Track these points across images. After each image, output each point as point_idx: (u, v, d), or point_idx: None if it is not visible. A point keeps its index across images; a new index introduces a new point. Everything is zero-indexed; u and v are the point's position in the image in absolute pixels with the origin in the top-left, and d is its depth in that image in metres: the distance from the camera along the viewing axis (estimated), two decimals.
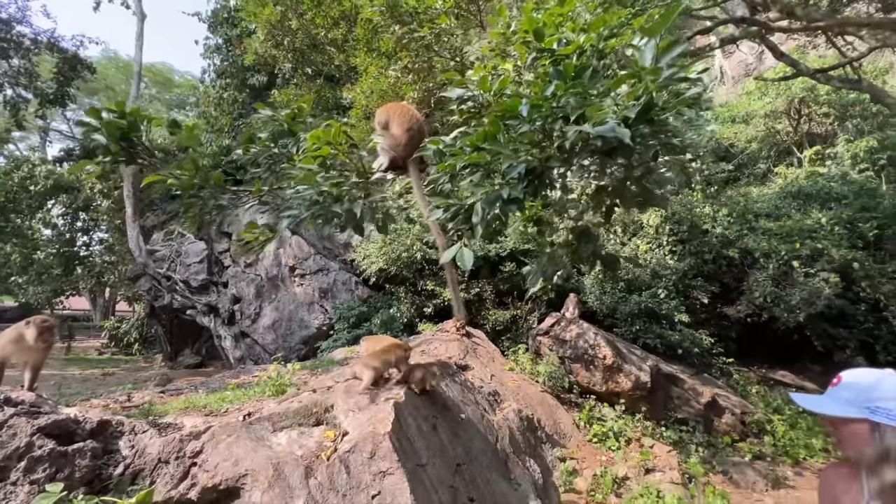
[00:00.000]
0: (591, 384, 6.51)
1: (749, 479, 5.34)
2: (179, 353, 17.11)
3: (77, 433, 2.27)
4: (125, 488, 2.14)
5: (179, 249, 13.56)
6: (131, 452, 2.31)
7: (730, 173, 13.39)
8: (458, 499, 2.95)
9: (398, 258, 9.39)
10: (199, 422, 2.70)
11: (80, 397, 4.08)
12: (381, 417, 2.80)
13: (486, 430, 4.45)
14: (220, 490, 2.20)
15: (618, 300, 8.78)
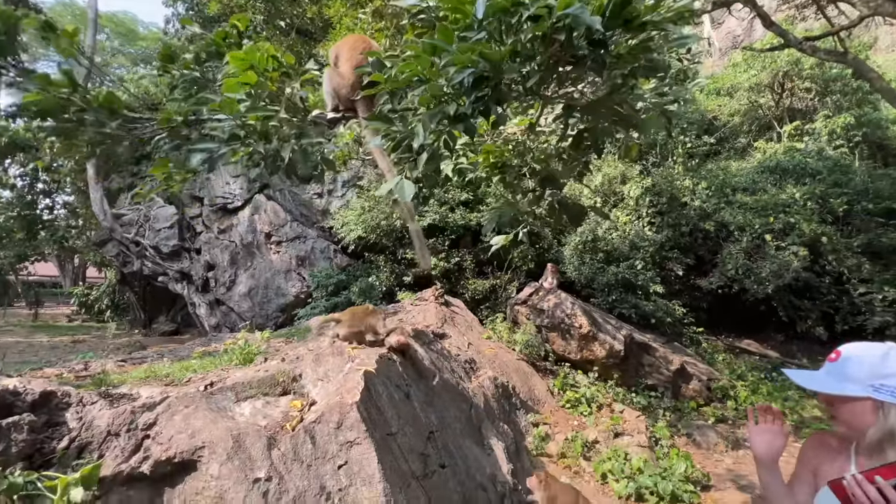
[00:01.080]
0: (567, 352, 6.61)
1: (711, 440, 5.59)
2: (154, 321, 16.74)
3: (16, 405, 2.11)
4: (70, 462, 2.02)
5: (148, 214, 12.96)
6: (78, 425, 2.17)
7: (711, 146, 13.42)
8: (429, 466, 2.94)
9: (377, 226, 9.18)
10: (157, 392, 2.57)
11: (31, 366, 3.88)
12: (350, 387, 2.72)
13: (460, 398, 4.46)
14: (175, 463, 2.10)
15: (595, 271, 8.86)
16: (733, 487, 4.51)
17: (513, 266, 9.18)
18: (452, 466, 3.27)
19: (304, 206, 11.38)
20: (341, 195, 11.02)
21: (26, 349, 11.65)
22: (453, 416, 4.05)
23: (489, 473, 3.79)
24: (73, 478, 1.87)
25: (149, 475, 2.06)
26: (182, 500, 2.06)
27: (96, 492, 1.94)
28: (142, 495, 2.03)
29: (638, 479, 4.19)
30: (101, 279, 25.78)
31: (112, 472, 2.01)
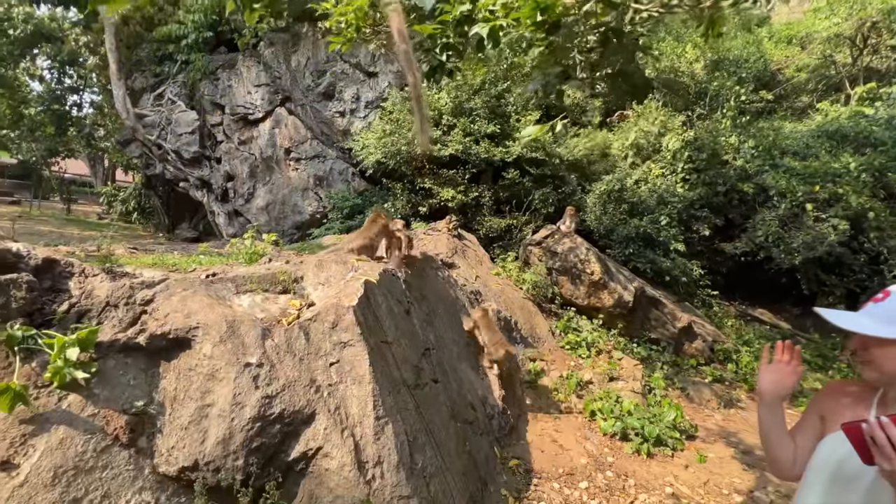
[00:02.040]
0: (574, 297, 6.55)
1: (704, 396, 5.63)
2: (177, 227, 17.25)
3: (18, 266, 2.12)
4: (69, 325, 2.06)
5: (170, 117, 12.80)
6: (79, 293, 2.20)
7: (767, 103, 12.23)
8: (422, 378, 2.99)
9: (398, 152, 8.86)
10: (158, 274, 2.58)
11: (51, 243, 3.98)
12: (350, 292, 2.69)
13: (461, 324, 4.49)
14: (170, 339, 2.13)
15: (617, 222, 8.53)
16: (720, 442, 4.58)
17: (532, 207, 8.90)
18: (445, 383, 3.33)
19: (325, 125, 11.03)
20: (363, 116, 10.58)
21: (57, 239, 12.20)
22: (452, 340, 4.09)
23: (480, 395, 3.88)
24: (71, 338, 1.91)
25: (145, 346, 2.10)
26: (176, 373, 2.12)
27: (93, 354, 1.99)
28: (138, 363, 2.09)
29: (626, 420, 4.27)
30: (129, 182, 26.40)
31: (109, 339, 2.05)
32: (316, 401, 2.23)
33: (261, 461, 2.04)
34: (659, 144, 9.97)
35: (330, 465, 2.11)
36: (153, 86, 13.65)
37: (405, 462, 2.28)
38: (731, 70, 11.55)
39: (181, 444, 1.97)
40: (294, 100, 11.29)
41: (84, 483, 1.75)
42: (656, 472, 3.88)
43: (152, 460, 1.94)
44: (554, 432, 4.18)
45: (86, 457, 1.79)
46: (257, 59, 11.57)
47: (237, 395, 2.08)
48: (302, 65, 11.01)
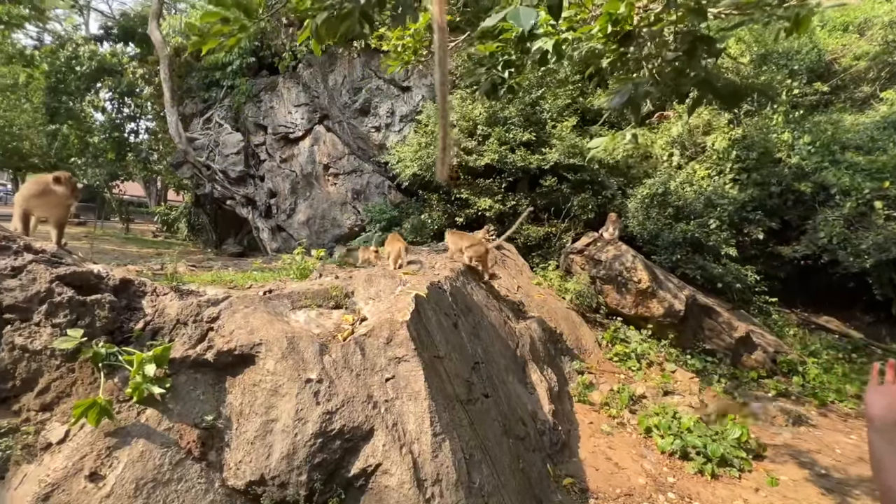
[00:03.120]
0: (621, 306, 6.31)
1: (770, 412, 5.23)
2: (224, 242, 18.14)
3: (99, 287, 2.27)
4: (145, 342, 2.18)
5: (217, 139, 13.56)
6: (152, 311, 2.32)
7: (822, 96, 11.45)
8: (474, 393, 2.95)
9: (433, 163, 8.94)
10: (220, 292, 2.70)
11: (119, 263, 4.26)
12: (401, 307, 2.71)
13: (507, 336, 4.42)
14: (236, 355, 2.21)
15: (662, 227, 8.19)
16: (791, 462, 4.23)
17: (571, 214, 8.71)
18: (495, 398, 3.27)
19: (361, 140, 11.32)
20: (398, 130, 10.78)
21: (119, 256, 13.12)
22: (498, 352, 4.02)
23: (530, 410, 3.78)
24: (147, 355, 2.01)
25: (212, 362, 2.18)
26: (241, 388, 2.18)
27: (167, 370, 2.09)
28: (207, 378, 2.17)
29: (685, 438, 4.03)
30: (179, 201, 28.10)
31: (181, 356, 2.15)
32: (374, 417, 2.23)
33: (323, 477, 2.05)
34: (703, 144, 9.53)
35: (389, 482, 2.10)
36: (202, 111, 14.53)
37: (463, 480, 2.24)
38: (781, 63, 10.93)
39: (248, 458, 2.02)
40: (332, 117, 11.68)
41: (162, 495, 1.82)
42: (723, 495, 3.62)
43: (221, 474, 2.00)
44: (608, 449, 4.00)
45: (163, 469, 1.87)
46: (296, 81, 12.08)
47: (299, 410, 2.11)
48: (339, 83, 11.39)
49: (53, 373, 1.97)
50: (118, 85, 22.72)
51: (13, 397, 1.91)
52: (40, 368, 1.96)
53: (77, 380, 1.99)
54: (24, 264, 2.07)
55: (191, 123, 14.51)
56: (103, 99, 24.62)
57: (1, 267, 2.01)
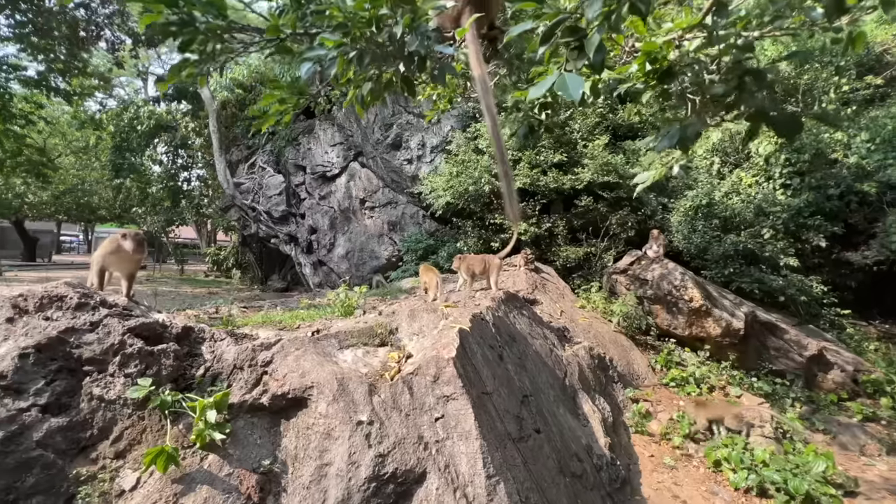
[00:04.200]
0: (673, 327, 5.98)
1: (859, 441, 4.70)
2: (269, 278, 18.95)
3: (164, 336, 2.42)
4: (206, 388, 2.28)
5: (261, 182, 14.42)
6: (211, 357, 2.44)
7: (876, 89, 10.73)
8: (525, 429, 2.84)
9: (465, 192, 9.05)
10: (272, 334, 2.79)
11: (178, 308, 4.54)
12: (446, 343, 2.69)
13: (553, 365, 4.28)
14: (289, 398, 2.26)
15: (710, 240, 7.79)
16: (890, 499, 3.74)
17: (610, 233, 8.47)
18: (547, 432, 3.14)
19: (394, 173, 11.67)
20: (430, 161, 11.05)
21: (175, 297, 13.98)
22: (546, 383, 3.89)
23: (585, 444, 3.59)
24: (208, 402, 2.10)
25: (267, 406, 2.24)
26: (295, 432, 2.22)
27: (226, 415, 2.16)
28: (263, 423, 2.23)
29: (762, 472, 3.67)
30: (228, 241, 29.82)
31: (238, 401, 2.23)
32: (425, 458, 2.19)
33: None
34: (747, 150, 9.10)
35: None
36: (247, 157, 15.56)
37: None
38: (825, 60, 10.39)
39: (304, 503, 2.03)
40: (365, 153, 12.16)
41: None
42: None
43: None
44: (673, 486, 3.71)
45: None
46: (331, 122, 12.75)
47: (352, 454, 2.11)
48: (371, 121, 11.91)
49: (126, 421, 2.09)
50: (173, 139, 24.84)
51: (91, 446, 2.03)
52: (114, 417, 2.08)
53: (146, 427, 2.10)
54: (100, 319, 2.24)
55: (237, 169, 15.55)
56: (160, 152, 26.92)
57: (81, 323, 2.19)
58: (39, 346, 2.04)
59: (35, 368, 2.02)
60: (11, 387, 1.95)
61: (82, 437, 2.01)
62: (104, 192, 28.15)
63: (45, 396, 1.99)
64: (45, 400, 1.98)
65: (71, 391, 2.06)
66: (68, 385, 2.06)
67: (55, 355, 2.07)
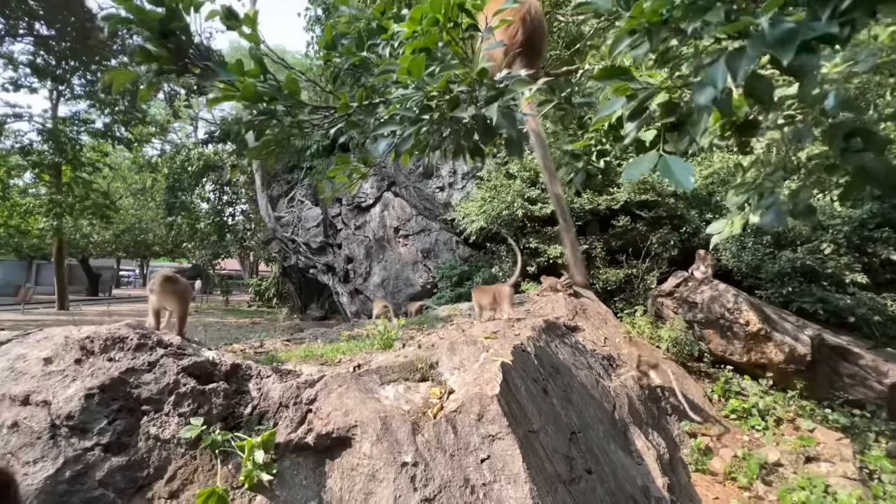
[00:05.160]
0: (728, 353, 5.58)
1: None
2: (308, 307, 19.46)
3: (214, 374, 2.49)
4: (253, 427, 2.31)
5: (300, 215, 15.04)
6: (258, 395, 2.48)
7: None
8: (575, 470, 2.68)
9: (499, 216, 9.04)
10: (315, 370, 2.82)
11: (226, 342, 4.70)
12: (488, 378, 2.61)
13: (601, 397, 4.06)
14: (334, 438, 2.24)
15: (762, 257, 7.33)
16: None
17: (651, 253, 8.15)
18: (599, 472, 2.95)
19: (427, 201, 11.86)
20: (461, 187, 11.17)
21: (221, 328, 14.58)
22: (594, 417, 3.69)
23: (641, 485, 3.35)
24: (256, 441, 2.12)
25: (312, 446, 2.24)
26: (340, 472, 2.19)
27: (273, 455, 2.17)
28: (308, 462, 2.22)
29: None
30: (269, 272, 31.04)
31: (284, 440, 2.23)
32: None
33: None
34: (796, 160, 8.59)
35: None
36: (286, 191, 16.33)
37: None
38: None
39: None
40: (398, 183, 12.47)
41: None
42: None
43: None
44: None
45: None
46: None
47: (398, 497, 2.06)
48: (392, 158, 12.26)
49: (179, 460, 2.14)
50: (219, 178, 26.49)
51: (147, 485, 2.09)
52: (169, 456, 2.14)
53: (198, 467, 2.14)
54: (157, 359, 2.35)
55: (278, 203, 16.32)
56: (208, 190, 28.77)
57: (140, 363, 2.29)
58: (103, 387, 2.15)
59: (99, 408, 2.12)
60: (78, 426, 2.06)
61: (139, 476, 2.07)
62: (158, 230, 30.24)
63: (108, 436, 2.08)
64: (108, 439, 2.07)
65: (130, 430, 2.14)
66: (128, 424, 2.15)
67: (117, 395, 2.17)
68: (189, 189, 26.27)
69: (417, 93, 1.47)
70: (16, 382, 2.22)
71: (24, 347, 2.64)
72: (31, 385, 2.18)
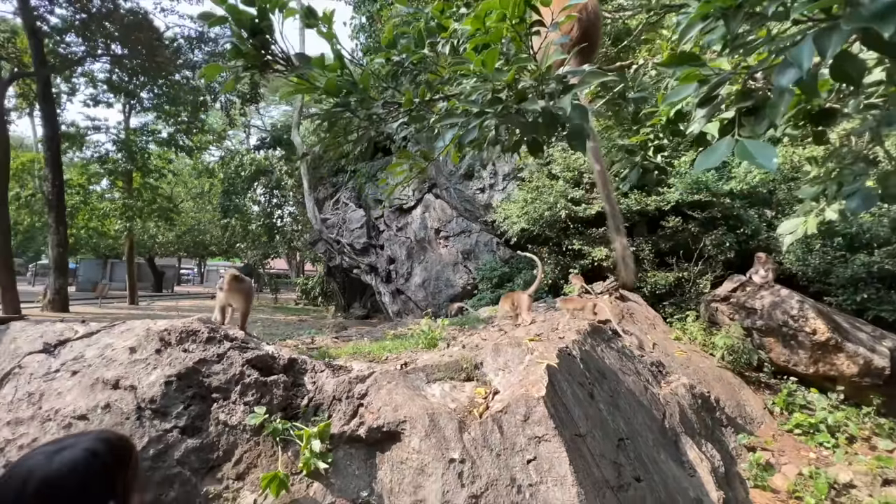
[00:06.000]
0: (792, 364, 5.21)
1: None
2: (351, 306, 20.08)
3: (274, 367, 2.66)
4: (309, 418, 2.45)
5: (344, 217, 15.57)
6: (313, 388, 2.62)
7: None
8: (623, 477, 2.63)
9: (540, 217, 8.93)
10: (364, 367, 2.94)
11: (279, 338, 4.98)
12: (534, 380, 2.62)
13: (650, 404, 3.93)
14: (384, 432, 2.34)
15: (832, 261, 6.77)
16: None
17: (704, 256, 7.74)
18: (649, 481, 2.87)
19: (467, 202, 11.91)
20: (502, 188, 11.13)
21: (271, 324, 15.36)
22: (643, 425, 3.57)
23: (694, 498, 3.21)
24: (313, 431, 2.25)
25: (364, 438, 2.34)
26: (390, 465, 2.28)
27: (328, 445, 2.30)
28: (360, 454, 2.33)
29: None
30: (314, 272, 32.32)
31: (338, 431, 2.36)
32: (519, 503, 2.12)
33: None
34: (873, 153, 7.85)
35: None
36: (331, 194, 16.95)
37: None
38: None
39: None
40: (439, 185, 12.61)
41: None
42: None
43: None
44: None
45: None
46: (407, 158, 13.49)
47: (445, 492, 2.11)
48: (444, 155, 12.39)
49: (245, 445, 2.31)
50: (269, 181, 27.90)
51: (217, 466, 2.27)
52: (235, 441, 2.31)
53: (261, 452, 2.30)
54: (224, 351, 2.55)
55: (323, 205, 16.97)
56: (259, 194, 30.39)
57: (210, 354, 2.50)
58: (180, 375, 2.37)
59: (176, 394, 2.33)
60: (159, 410, 2.27)
61: (211, 457, 2.26)
62: (214, 231, 32.28)
63: (184, 420, 2.28)
64: (184, 423, 2.27)
65: (202, 416, 2.34)
66: (200, 410, 2.35)
67: (191, 383, 2.38)
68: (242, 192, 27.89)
69: (485, 84, 1.49)
70: (107, 368, 2.49)
71: (110, 337, 2.94)
72: (120, 371, 2.44)
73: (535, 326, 4.26)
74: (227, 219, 27.95)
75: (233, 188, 27.23)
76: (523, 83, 1.48)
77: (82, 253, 29.51)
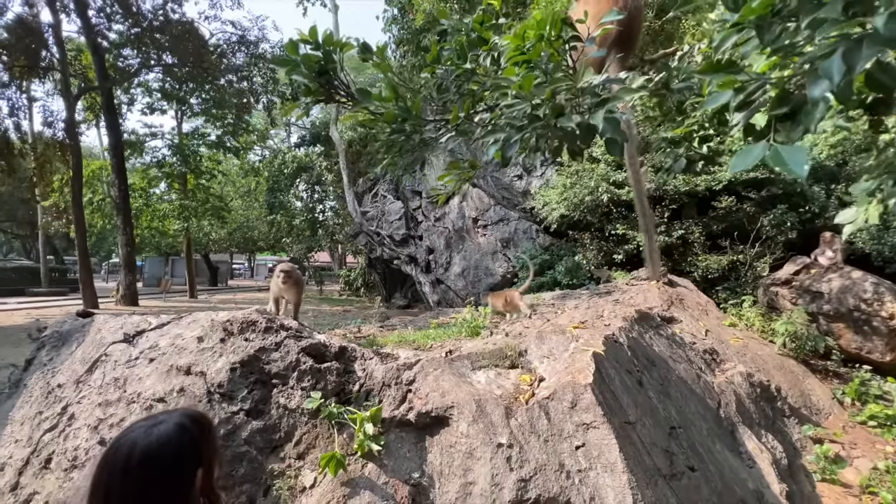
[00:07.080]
0: (865, 351, 4.81)
1: None
2: (392, 296, 20.55)
3: (326, 355, 2.81)
4: (361, 403, 2.57)
5: (383, 209, 15.87)
6: (363, 374, 2.74)
7: None
8: (676, 466, 2.57)
9: (581, 202, 8.68)
10: (410, 354, 3.03)
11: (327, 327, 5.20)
12: (580, 367, 2.60)
13: (703, 393, 3.78)
14: (432, 416, 2.41)
15: None
16: None
17: (762, 237, 7.25)
18: (703, 471, 2.78)
19: (505, 190, 11.78)
20: (540, 174, 10.90)
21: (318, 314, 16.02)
22: (696, 413, 3.45)
23: (753, 489, 3.08)
24: (366, 415, 2.36)
25: (413, 423, 2.43)
26: (439, 448, 2.36)
27: (380, 429, 2.40)
28: (410, 437, 2.42)
29: None
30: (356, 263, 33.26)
31: (388, 416, 2.46)
32: (568, 488, 2.13)
33: None
34: None
35: None
36: (370, 187, 17.30)
37: None
38: None
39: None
40: (476, 174, 12.54)
41: None
42: None
43: None
44: None
45: None
46: (443, 148, 13.49)
47: (494, 475, 2.16)
48: (479, 144, 12.29)
49: (303, 427, 2.46)
50: (311, 177, 28.84)
51: (279, 446, 2.44)
52: (295, 423, 2.47)
53: (318, 434, 2.45)
54: (281, 340, 2.71)
55: (363, 199, 17.37)
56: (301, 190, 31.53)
57: (269, 343, 2.67)
58: (243, 362, 2.55)
59: (240, 380, 2.52)
60: (226, 394, 2.47)
61: (273, 438, 2.43)
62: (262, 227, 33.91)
63: (248, 403, 2.46)
64: (248, 406, 2.46)
65: (264, 399, 2.52)
66: (262, 394, 2.52)
67: (253, 370, 2.56)
68: (286, 189, 29.05)
69: (524, 103, 1.55)
70: (179, 356, 2.73)
71: (179, 328, 3.21)
72: (191, 359, 2.66)
73: (578, 313, 4.20)
74: (272, 215, 29.25)
75: (277, 185, 28.42)
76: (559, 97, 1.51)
77: (146, 251, 31.95)
